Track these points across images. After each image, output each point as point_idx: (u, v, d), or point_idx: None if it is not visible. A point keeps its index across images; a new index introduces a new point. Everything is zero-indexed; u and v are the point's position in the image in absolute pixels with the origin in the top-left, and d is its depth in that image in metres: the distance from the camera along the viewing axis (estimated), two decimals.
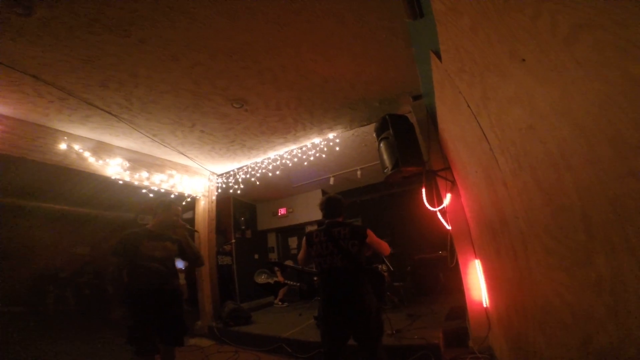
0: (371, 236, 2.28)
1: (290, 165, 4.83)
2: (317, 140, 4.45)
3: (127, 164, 4.23)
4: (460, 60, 1.34)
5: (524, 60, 0.79)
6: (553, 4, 0.61)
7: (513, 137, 1.08)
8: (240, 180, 5.27)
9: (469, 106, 1.46)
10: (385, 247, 2.35)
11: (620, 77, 0.48)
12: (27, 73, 2.61)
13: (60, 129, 3.58)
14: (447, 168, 3.05)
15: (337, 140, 4.37)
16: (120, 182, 4.20)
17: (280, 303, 6.07)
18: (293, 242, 7.93)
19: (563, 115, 0.74)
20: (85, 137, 3.83)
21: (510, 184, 1.28)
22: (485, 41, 1.01)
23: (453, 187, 3.00)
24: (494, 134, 1.26)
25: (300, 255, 2.44)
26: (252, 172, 5.14)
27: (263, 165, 5.01)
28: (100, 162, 3.94)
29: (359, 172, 5.66)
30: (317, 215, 7.04)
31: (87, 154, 3.79)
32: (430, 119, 3.19)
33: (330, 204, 2.40)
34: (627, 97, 0.49)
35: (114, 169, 4.08)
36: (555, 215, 0.94)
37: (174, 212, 2.81)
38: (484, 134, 1.39)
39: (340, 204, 2.42)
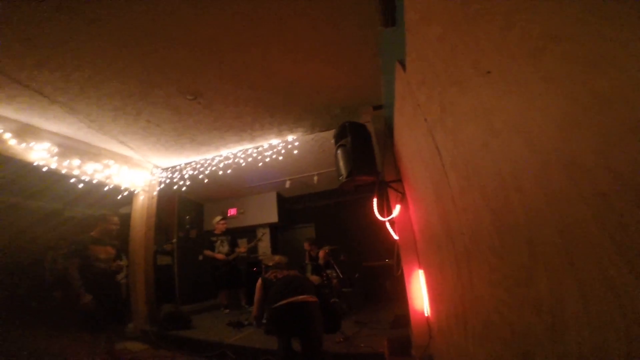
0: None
1: (243, 164, 4.62)
2: (275, 141, 4.32)
3: (56, 150, 3.74)
4: (423, 72, 1.34)
5: (489, 72, 0.77)
6: (526, 14, 0.58)
7: (465, 154, 1.08)
8: (186, 176, 4.92)
9: (425, 120, 1.46)
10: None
11: (585, 93, 0.46)
12: None
13: None
14: (399, 180, 3.11)
15: (296, 144, 4.28)
16: (45, 168, 3.68)
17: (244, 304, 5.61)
18: (242, 244, 7.61)
19: (518, 134, 0.73)
20: (9, 118, 3.34)
21: (459, 201, 1.29)
22: (450, 52, 1.00)
23: (403, 198, 3.07)
24: (447, 150, 1.26)
25: (257, 298, 2.81)
26: (201, 169, 4.83)
27: (214, 163, 4.73)
28: (24, 145, 3.44)
29: (315, 178, 5.62)
30: (270, 217, 6.89)
31: (7, 135, 3.30)
32: (388, 130, 3.25)
33: (279, 260, 3.10)
34: (588, 115, 0.47)
35: (39, 154, 3.59)
36: (501, 234, 0.94)
37: (111, 222, 3.51)
38: (438, 150, 1.39)
39: (287, 260, 3.13)
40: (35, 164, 3.59)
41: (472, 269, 1.32)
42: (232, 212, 7.18)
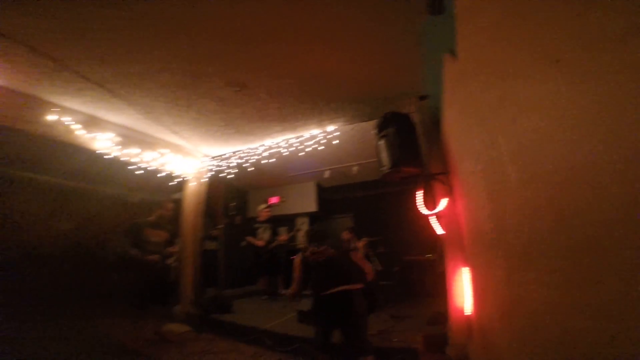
0: (353, 257, 2.72)
1: (286, 154, 4.72)
2: (315, 131, 4.35)
3: (119, 139, 4.11)
4: (478, 60, 1.26)
5: (558, 61, 0.71)
6: (606, 2, 0.53)
7: (528, 145, 1.01)
8: (233, 165, 5.15)
9: (479, 110, 1.39)
10: (362, 270, 2.67)
11: None
12: (22, 43, 2.51)
13: (51, 100, 3.48)
14: (446, 172, 2.99)
15: (337, 134, 4.28)
16: (108, 156, 4.08)
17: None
18: (282, 232, 7.85)
19: (595, 126, 0.67)
20: (78, 110, 3.71)
21: (516, 195, 1.22)
22: (511, 40, 0.94)
23: (450, 192, 2.95)
24: (506, 140, 1.19)
25: (296, 276, 2.75)
26: (246, 158, 5.02)
27: (258, 152, 4.89)
28: (90, 135, 3.83)
29: (355, 168, 5.59)
30: (309, 207, 7.01)
31: (76, 127, 3.68)
32: (434, 120, 3.12)
33: (316, 232, 2.90)
34: None
35: (104, 143, 3.97)
36: (567, 232, 0.88)
37: (166, 207, 3.99)
38: (494, 140, 1.32)
39: (325, 231, 2.93)
40: (101, 151, 3.98)
41: (526, 269, 1.25)
42: (274, 200, 7.41)
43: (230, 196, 7.17)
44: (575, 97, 0.69)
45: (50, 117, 3.45)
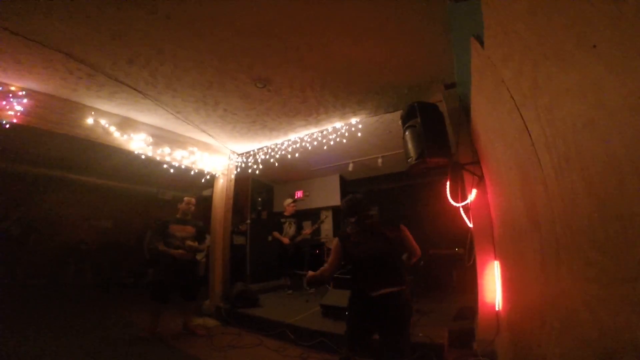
0: (405, 231, 2.21)
1: (309, 148, 4.77)
2: (338, 124, 4.35)
3: (151, 139, 4.31)
4: (509, 46, 1.22)
5: (594, 46, 0.68)
6: None
7: (564, 132, 0.97)
8: (259, 160, 5.27)
9: (512, 97, 1.34)
10: (416, 248, 2.25)
11: None
12: (59, 50, 2.69)
13: (88, 104, 3.71)
14: (476, 162, 2.90)
15: (360, 126, 4.25)
16: (143, 156, 4.30)
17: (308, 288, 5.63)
18: (307, 226, 7.96)
19: (635, 112, 0.64)
20: (112, 113, 3.94)
21: (552, 185, 1.18)
22: (546, 25, 0.90)
23: (480, 182, 2.87)
24: (540, 128, 1.15)
25: (331, 261, 2.16)
26: (272, 153, 5.12)
27: (283, 147, 4.97)
28: (125, 136, 4.04)
29: (380, 160, 5.53)
30: (334, 200, 7.03)
31: (112, 129, 3.91)
32: (463, 109, 3.02)
33: (355, 201, 2.28)
34: None
35: (137, 143, 4.18)
36: (606, 224, 0.85)
37: (188, 202, 3.99)
38: (527, 128, 1.27)
39: (365, 201, 2.29)
40: (136, 152, 4.19)
41: (562, 262, 1.21)
42: (298, 194, 7.50)
43: (256, 191, 7.34)
44: (614, 83, 0.66)
45: (89, 121, 3.69)
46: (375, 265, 2.04)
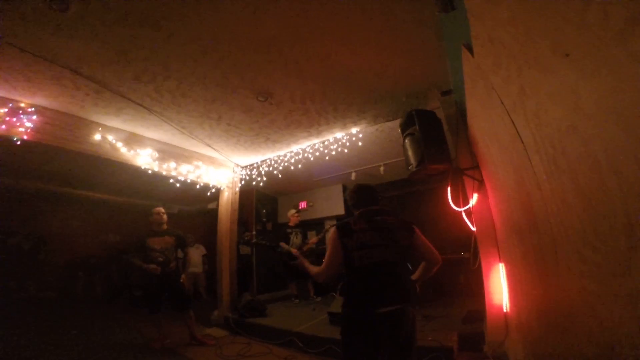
0: (420, 236, 1.84)
1: (312, 159, 4.83)
2: (339, 134, 4.42)
3: (157, 155, 4.39)
4: (496, 54, 1.28)
5: (567, 55, 0.74)
6: None
7: (551, 136, 1.02)
8: (263, 172, 5.34)
9: (502, 103, 1.39)
10: (435, 253, 1.87)
11: None
12: (67, 67, 2.76)
13: (95, 120, 3.79)
14: (476, 167, 2.94)
15: (361, 136, 4.31)
16: (150, 171, 4.38)
17: (315, 297, 5.76)
18: (311, 236, 7.96)
19: (611, 115, 0.69)
20: (119, 129, 4.02)
21: (545, 186, 1.22)
22: (525, 34, 0.96)
23: (481, 186, 2.89)
24: (530, 132, 1.19)
25: (327, 262, 1.80)
26: (275, 165, 5.19)
27: (286, 159, 5.04)
28: (132, 152, 4.12)
29: (381, 168, 5.57)
30: (337, 210, 7.05)
31: (119, 145, 3.98)
32: (460, 115, 3.08)
33: (363, 191, 1.94)
34: None
35: (144, 159, 4.25)
36: (594, 221, 0.89)
37: (155, 212, 3.93)
38: (518, 133, 1.32)
39: (375, 191, 1.96)
40: (143, 167, 4.26)
41: (559, 260, 1.24)
42: (302, 205, 7.55)
43: (261, 203, 7.39)
44: (588, 88, 0.71)
45: (97, 137, 3.76)
46: (381, 274, 1.68)
